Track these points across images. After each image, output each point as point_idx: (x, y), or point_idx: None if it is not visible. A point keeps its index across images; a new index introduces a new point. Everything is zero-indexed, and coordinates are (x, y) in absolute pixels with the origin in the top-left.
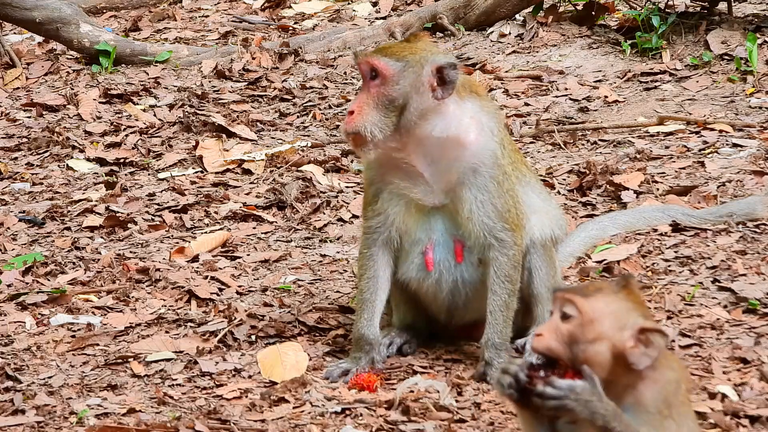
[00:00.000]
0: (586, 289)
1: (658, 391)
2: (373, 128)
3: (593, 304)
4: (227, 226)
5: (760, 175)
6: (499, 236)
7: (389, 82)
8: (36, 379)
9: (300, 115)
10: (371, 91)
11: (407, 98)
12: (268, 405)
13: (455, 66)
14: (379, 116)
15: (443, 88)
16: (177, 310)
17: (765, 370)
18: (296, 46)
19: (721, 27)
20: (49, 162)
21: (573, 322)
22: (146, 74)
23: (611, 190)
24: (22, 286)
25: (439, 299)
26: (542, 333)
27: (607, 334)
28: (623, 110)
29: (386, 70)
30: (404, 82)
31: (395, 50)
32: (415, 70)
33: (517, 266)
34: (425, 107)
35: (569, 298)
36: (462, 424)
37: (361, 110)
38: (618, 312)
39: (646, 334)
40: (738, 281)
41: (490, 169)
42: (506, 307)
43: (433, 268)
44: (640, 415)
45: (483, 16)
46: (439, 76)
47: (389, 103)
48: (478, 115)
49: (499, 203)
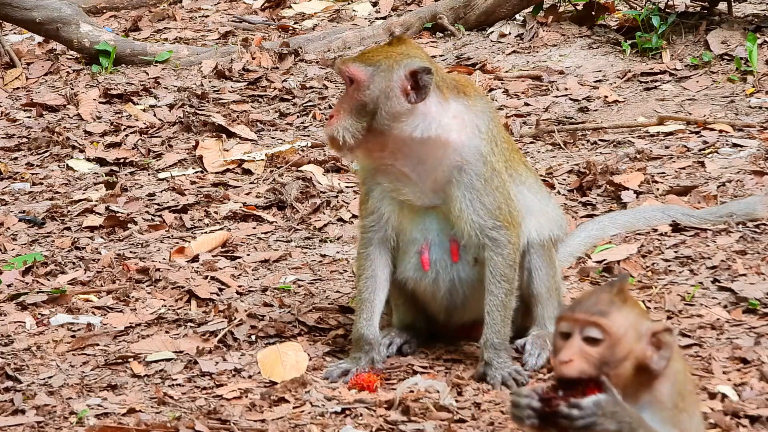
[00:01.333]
0: (601, 307)
1: (672, 385)
2: (345, 132)
3: (617, 323)
4: (227, 226)
5: (760, 175)
6: (491, 235)
7: (361, 87)
8: (36, 379)
9: (300, 115)
10: (348, 97)
11: (377, 102)
12: (268, 405)
13: (429, 71)
14: (351, 120)
15: (417, 92)
16: (177, 310)
17: (765, 370)
18: (296, 46)
19: (721, 27)
20: (49, 162)
21: (602, 345)
22: (146, 74)
23: (611, 190)
24: (22, 286)
25: (438, 299)
26: (571, 359)
27: (632, 347)
28: (623, 110)
29: (357, 76)
30: (374, 87)
31: (370, 55)
32: (384, 75)
33: (513, 265)
34: (397, 111)
35: (593, 321)
36: (462, 424)
37: (337, 114)
38: (635, 322)
39: (657, 337)
40: (738, 281)
41: (475, 166)
42: (504, 306)
43: (430, 267)
44: (658, 412)
45: (483, 16)
46: (414, 80)
47: (361, 108)
48: (462, 114)
49: (488, 200)
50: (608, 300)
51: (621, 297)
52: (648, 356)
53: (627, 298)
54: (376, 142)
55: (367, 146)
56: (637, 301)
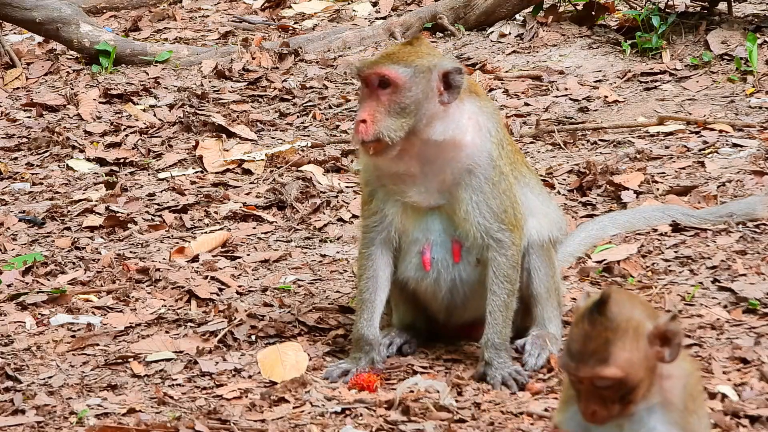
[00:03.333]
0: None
1: (683, 386)
2: (390, 132)
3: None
4: (227, 226)
5: (760, 175)
6: (496, 237)
7: (401, 90)
8: (36, 379)
9: (300, 115)
10: (381, 99)
11: (418, 104)
12: (268, 405)
13: (461, 71)
14: (392, 121)
15: (449, 92)
16: (177, 310)
17: (765, 370)
18: (296, 46)
19: (721, 27)
20: (49, 162)
21: (615, 388)
22: (146, 74)
23: (611, 190)
24: (22, 286)
25: (438, 298)
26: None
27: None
28: (623, 110)
29: (397, 78)
30: (416, 89)
31: (402, 56)
32: (424, 75)
33: (515, 266)
34: (433, 112)
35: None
36: (462, 424)
37: (373, 118)
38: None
39: (663, 332)
40: (738, 281)
41: (485, 170)
42: (505, 307)
43: (432, 267)
44: (668, 413)
45: (483, 16)
46: (445, 81)
47: (401, 110)
48: (476, 115)
49: (495, 204)
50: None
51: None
52: (659, 355)
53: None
54: (409, 144)
55: (403, 148)
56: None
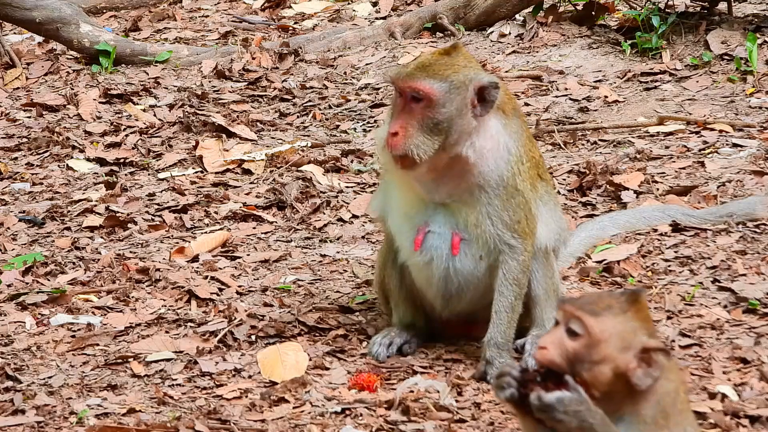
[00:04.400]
0: (596, 306)
1: (657, 403)
2: (420, 151)
3: (602, 325)
4: (227, 226)
5: (760, 175)
6: (510, 243)
7: (435, 105)
8: (36, 379)
9: (300, 115)
10: (414, 113)
11: (452, 120)
12: (268, 405)
13: (497, 85)
14: (423, 138)
15: (482, 105)
16: (177, 310)
17: (765, 370)
18: (296, 46)
19: (721, 27)
20: (49, 162)
21: (579, 341)
22: (146, 74)
23: (611, 190)
24: (22, 286)
25: (432, 284)
26: (546, 346)
27: (612, 355)
28: (623, 110)
29: (432, 94)
30: (450, 106)
31: (437, 69)
32: (460, 91)
33: (526, 271)
34: (464, 128)
35: (578, 315)
36: (462, 424)
37: (405, 132)
38: (624, 333)
39: (649, 354)
40: (738, 281)
41: (496, 189)
42: (512, 309)
43: (421, 249)
44: (635, 425)
45: (483, 16)
46: (479, 95)
47: (434, 126)
48: (497, 134)
49: (507, 215)
50: (608, 303)
51: (627, 305)
52: (631, 369)
53: (639, 310)
54: (439, 159)
55: (430, 163)
56: (646, 315)
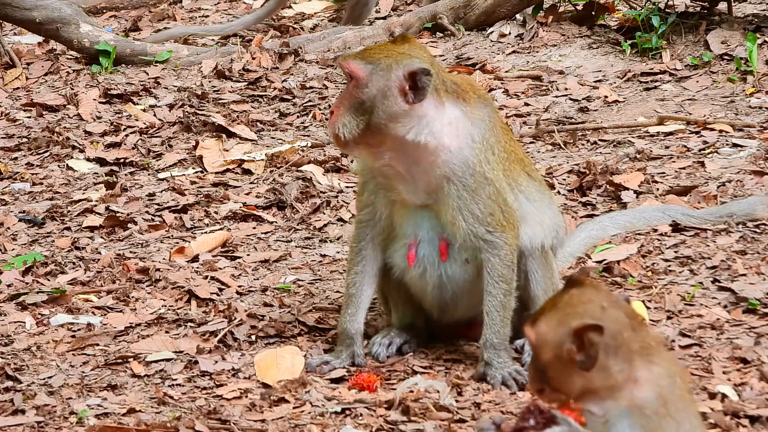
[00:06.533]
0: (538, 313)
1: (652, 390)
2: (344, 129)
3: (538, 329)
4: (227, 226)
5: (760, 175)
6: (486, 238)
7: (359, 85)
8: (36, 379)
9: (300, 115)
10: (348, 92)
11: (374, 101)
12: (268, 405)
13: (428, 72)
14: (349, 117)
15: (415, 92)
16: (177, 310)
17: (765, 370)
18: (296, 46)
19: (721, 27)
20: (49, 162)
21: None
22: (146, 74)
23: (611, 190)
24: (22, 286)
25: (427, 294)
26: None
27: (555, 353)
28: (623, 110)
29: (356, 73)
30: (372, 85)
31: (371, 53)
32: (383, 74)
33: (510, 266)
34: (394, 110)
35: (525, 330)
36: (462, 424)
37: (337, 111)
38: (556, 326)
39: (581, 335)
40: (738, 281)
41: (463, 178)
42: (503, 307)
43: (417, 263)
44: (637, 418)
45: (483, 16)
46: (412, 81)
47: (359, 105)
48: (457, 121)
49: (478, 209)
50: (548, 305)
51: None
52: (574, 356)
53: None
54: (374, 140)
55: (366, 143)
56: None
